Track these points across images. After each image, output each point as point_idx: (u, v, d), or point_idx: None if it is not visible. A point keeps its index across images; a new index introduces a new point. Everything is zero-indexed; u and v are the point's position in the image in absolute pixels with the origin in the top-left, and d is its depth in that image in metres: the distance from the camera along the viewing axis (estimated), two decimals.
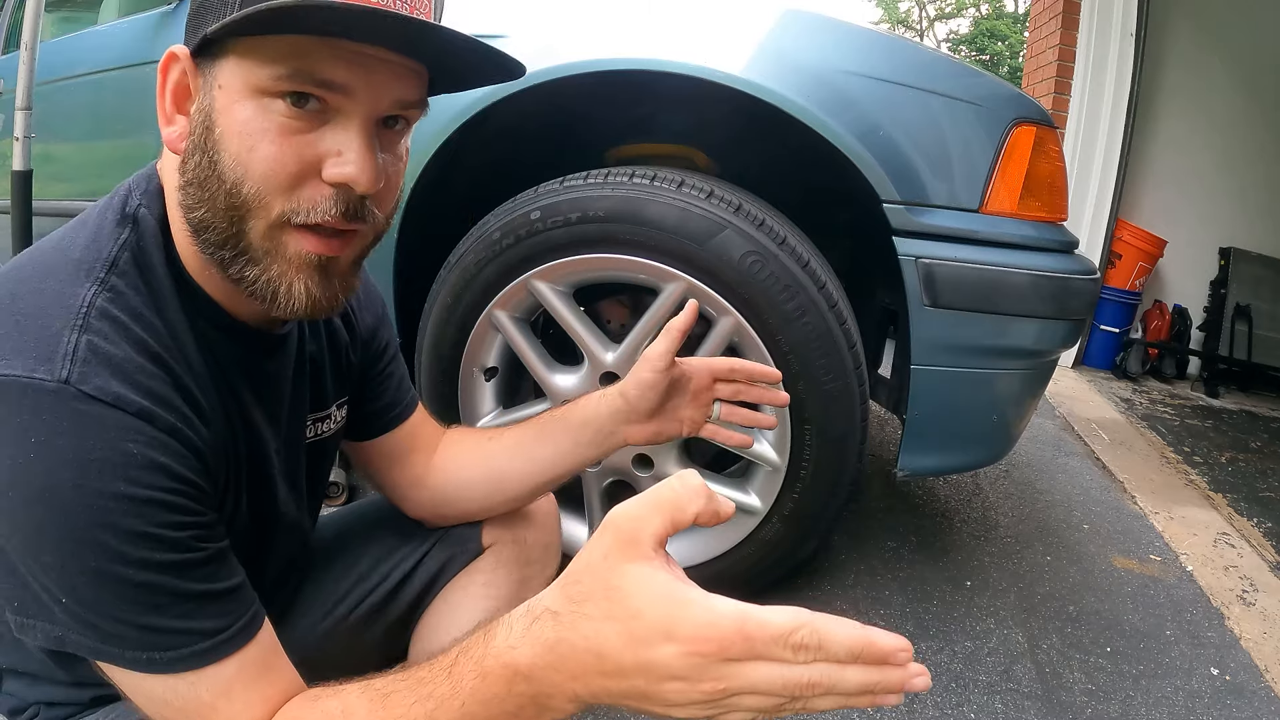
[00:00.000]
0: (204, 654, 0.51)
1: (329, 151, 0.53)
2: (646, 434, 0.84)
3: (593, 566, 0.41)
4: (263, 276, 0.55)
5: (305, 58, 0.51)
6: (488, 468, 0.85)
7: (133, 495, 0.48)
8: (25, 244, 1.77)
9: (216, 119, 0.52)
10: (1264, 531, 2.09)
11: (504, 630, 0.45)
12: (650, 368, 0.79)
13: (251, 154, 0.52)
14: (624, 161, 1.49)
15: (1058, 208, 1.33)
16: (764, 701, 0.39)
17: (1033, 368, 1.38)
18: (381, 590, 0.84)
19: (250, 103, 0.52)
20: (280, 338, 0.66)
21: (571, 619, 0.42)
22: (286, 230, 0.54)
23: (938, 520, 1.92)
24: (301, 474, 0.74)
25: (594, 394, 0.84)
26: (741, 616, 0.38)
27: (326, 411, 0.75)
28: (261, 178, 0.52)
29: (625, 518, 0.41)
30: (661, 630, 0.39)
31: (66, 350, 0.48)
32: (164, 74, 0.55)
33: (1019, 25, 19.11)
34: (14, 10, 2.44)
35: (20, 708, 0.64)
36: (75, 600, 0.49)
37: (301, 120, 0.52)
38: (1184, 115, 3.82)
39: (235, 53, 0.52)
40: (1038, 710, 1.24)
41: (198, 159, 0.53)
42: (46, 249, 0.55)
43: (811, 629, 0.38)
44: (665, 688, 0.39)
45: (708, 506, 0.42)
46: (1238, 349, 3.70)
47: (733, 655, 0.38)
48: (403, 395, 0.84)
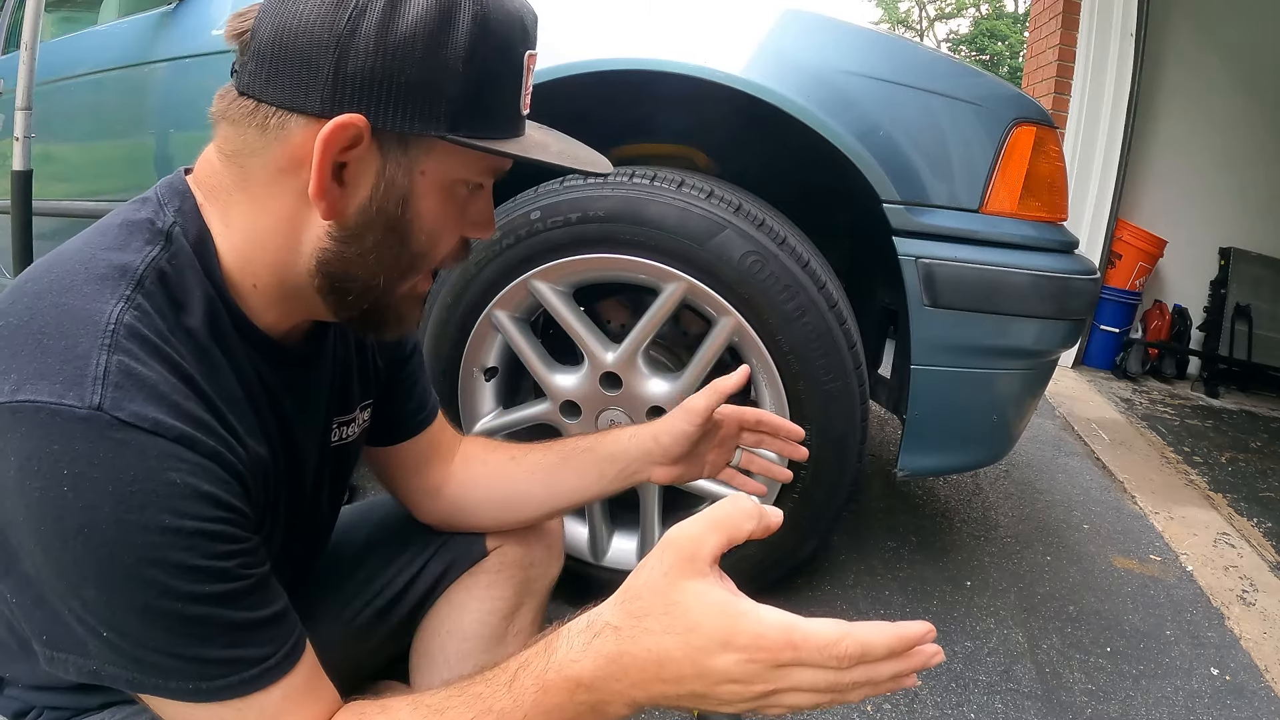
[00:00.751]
0: (251, 681, 0.50)
1: (473, 216, 0.61)
2: (672, 475, 0.86)
3: (653, 583, 0.45)
4: (396, 319, 0.61)
5: (500, 162, 0.58)
6: (508, 489, 0.85)
7: (179, 528, 0.46)
8: (25, 244, 1.77)
9: (412, 201, 0.55)
10: (1264, 531, 2.09)
11: (564, 644, 0.47)
12: (690, 421, 0.82)
13: (438, 235, 0.58)
14: (624, 161, 1.49)
15: (1058, 208, 1.33)
16: (808, 699, 0.43)
17: (1033, 368, 1.38)
18: (388, 593, 0.84)
19: (445, 191, 0.57)
20: (316, 351, 0.66)
21: (633, 633, 0.44)
22: (424, 280, 0.61)
23: (938, 520, 1.92)
24: (333, 481, 0.74)
25: (625, 431, 0.86)
26: (788, 628, 0.42)
27: (351, 415, 0.75)
28: (441, 252, 0.59)
29: (685, 537, 0.45)
30: (719, 641, 0.42)
31: (97, 373, 0.45)
32: (331, 143, 0.50)
33: (1019, 25, 19.10)
34: (14, 10, 2.44)
35: (24, 710, 0.63)
36: (120, 635, 0.47)
37: (470, 196, 0.60)
38: (1184, 115, 3.82)
39: (445, 146, 0.54)
40: (1038, 710, 1.24)
41: (380, 235, 0.55)
42: (65, 259, 0.52)
43: (854, 640, 0.42)
44: (721, 690, 0.43)
45: (760, 524, 0.46)
46: (1238, 349, 3.69)
47: (783, 662, 0.42)
48: (426, 400, 0.84)
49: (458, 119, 0.53)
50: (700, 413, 0.82)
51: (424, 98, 0.51)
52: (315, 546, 0.76)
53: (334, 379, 0.70)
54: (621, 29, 1.30)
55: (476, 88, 0.53)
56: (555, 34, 1.28)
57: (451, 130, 0.53)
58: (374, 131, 0.52)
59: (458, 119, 0.53)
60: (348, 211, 0.54)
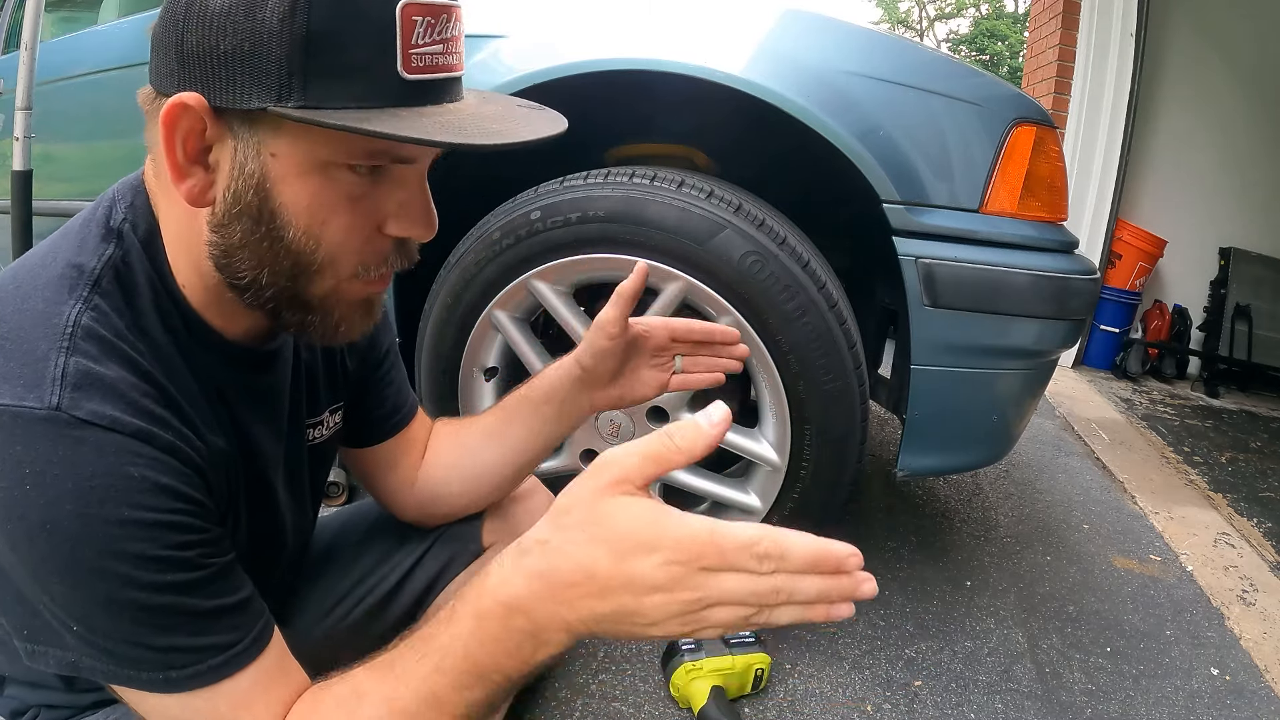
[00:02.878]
0: (219, 669, 0.51)
1: (393, 209, 0.55)
2: (611, 399, 0.83)
3: (581, 498, 0.44)
4: (322, 323, 0.57)
5: (389, 143, 0.50)
6: (466, 458, 0.84)
7: (138, 519, 0.47)
8: (25, 244, 1.77)
9: (272, 189, 0.50)
10: (1264, 531, 2.08)
11: (496, 569, 0.47)
12: (604, 334, 0.79)
13: (325, 226, 0.52)
14: (624, 161, 1.49)
15: (1058, 208, 1.33)
16: (733, 613, 0.42)
17: (1033, 368, 1.37)
18: (380, 590, 0.84)
19: (316, 176, 0.51)
20: (273, 352, 0.65)
21: (560, 544, 0.44)
22: (349, 282, 0.56)
23: (938, 520, 1.92)
24: (303, 480, 0.73)
25: (551, 366, 0.84)
26: (711, 528, 0.42)
27: (319, 418, 0.75)
28: (336, 246, 0.53)
29: (616, 461, 0.44)
30: (644, 543, 0.42)
31: (55, 375, 0.47)
32: (171, 125, 0.48)
33: (1019, 25, 19.10)
34: (14, 10, 2.44)
35: (21, 710, 0.64)
36: (87, 627, 0.48)
37: (368, 184, 0.53)
38: (1184, 115, 3.82)
39: (292, 127, 0.49)
40: (1038, 710, 1.24)
41: (248, 227, 0.51)
42: (29, 265, 0.53)
43: (772, 539, 0.41)
44: (648, 601, 0.42)
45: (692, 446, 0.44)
46: (1238, 349, 3.69)
47: (707, 564, 0.41)
48: (403, 401, 0.84)
49: (287, 87, 0.47)
50: (612, 323, 0.77)
51: (249, 66, 0.47)
52: (297, 547, 0.75)
53: (296, 381, 0.70)
54: (621, 28, 1.30)
55: (304, 49, 0.46)
56: (555, 33, 1.29)
57: (279, 100, 0.47)
58: (217, 111, 0.48)
59: (287, 87, 0.47)
60: (216, 199, 0.52)
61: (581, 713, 1.12)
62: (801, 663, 1.29)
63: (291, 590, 0.82)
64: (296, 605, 0.82)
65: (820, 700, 1.21)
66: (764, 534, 0.41)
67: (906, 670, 1.31)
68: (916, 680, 1.28)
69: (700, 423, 0.44)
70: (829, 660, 1.31)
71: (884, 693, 1.24)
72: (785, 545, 0.41)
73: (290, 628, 0.78)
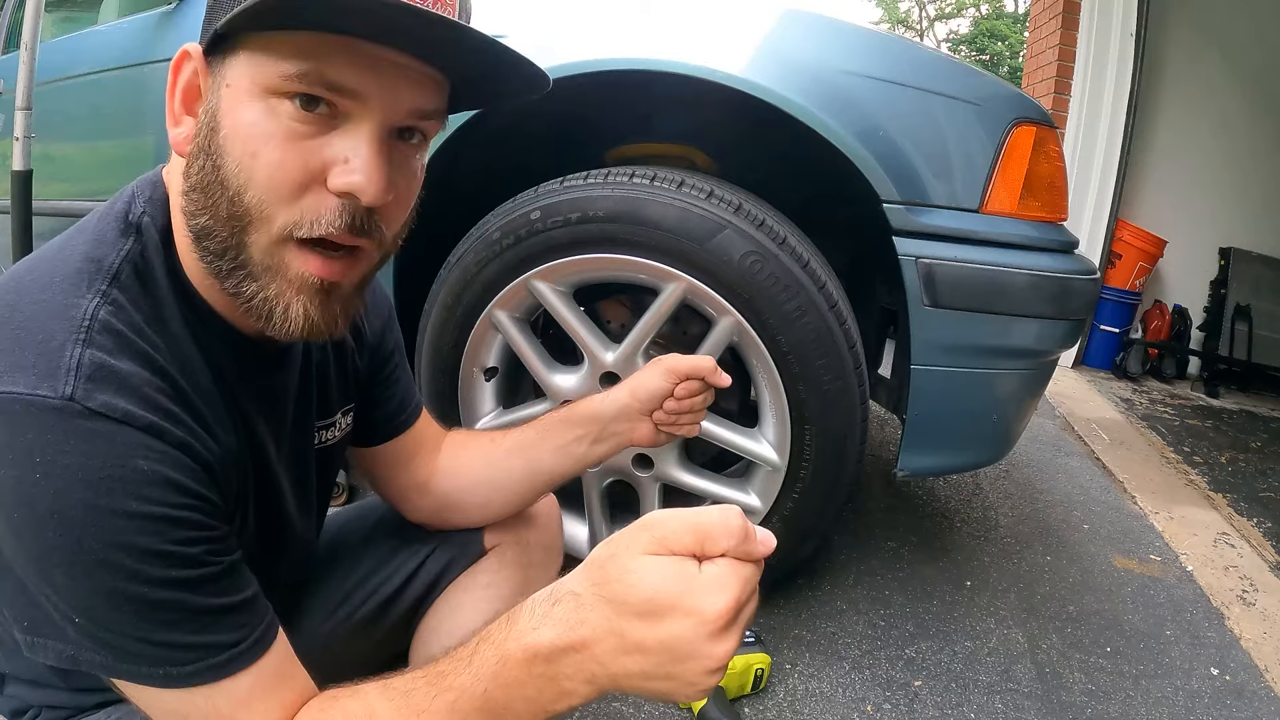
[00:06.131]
0: (221, 667, 0.51)
1: (336, 159, 0.50)
2: (651, 433, 0.85)
3: (617, 556, 0.44)
4: (260, 294, 0.53)
5: (317, 58, 0.48)
6: (490, 470, 0.84)
7: (145, 513, 0.47)
8: (25, 244, 1.77)
9: (221, 120, 0.50)
10: (1264, 531, 2.09)
11: (527, 614, 0.46)
12: (668, 379, 0.81)
13: (255, 159, 0.50)
14: (624, 161, 1.49)
15: (1058, 208, 1.33)
16: (750, 610, 0.45)
17: (1033, 368, 1.37)
18: (383, 592, 0.84)
19: (257, 104, 0.49)
20: (284, 350, 0.65)
21: (593, 600, 0.44)
22: (289, 247, 0.52)
23: (938, 520, 1.92)
24: (310, 482, 0.73)
25: (598, 394, 0.85)
26: (734, 594, 0.43)
27: (332, 419, 0.75)
28: (264, 185, 0.50)
29: (661, 523, 0.44)
30: (675, 607, 0.42)
31: (70, 365, 0.47)
32: (175, 73, 0.53)
33: (1019, 25, 19.10)
34: (14, 10, 2.44)
35: (22, 709, 0.64)
36: (89, 619, 0.48)
37: (309, 124, 0.50)
38: (1184, 115, 3.82)
39: (246, 49, 0.50)
40: (1038, 710, 1.24)
41: (202, 162, 0.51)
42: (47, 258, 0.53)
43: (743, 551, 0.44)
44: (681, 667, 0.43)
45: (739, 548, 0.44)
46: (1238, 349, 3.70)
47: (727, 623, 0.42)
48: (409, 399, 0.84)
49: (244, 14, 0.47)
50: (680, 373, 0.81)
51: (224, 1, 0.49)
52: (302, 549, 0.75)
53: (306, 383, 0.69)
54: (621, 28, 1.30)
55: None
56: (554, 33, 1.29)
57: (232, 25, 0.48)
58: (206, 57, 0.52)
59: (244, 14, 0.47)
60: (188, 148, 0.53)
61: (581, 712, 1.12)
62: (801, 663, 1.29)
63: (298, 591, 0.82)
64: (302, 606, 0.82)
65: (820, 700, 1.21)
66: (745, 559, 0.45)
67: (906, 670, 1.31)
68: (916, 680, 1.28)
69: (756, 533, 0.45)
70: (829, 660, 1.31)
71: (884, 693, 1.24)
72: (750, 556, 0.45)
73: (296, 628, 0.78)
